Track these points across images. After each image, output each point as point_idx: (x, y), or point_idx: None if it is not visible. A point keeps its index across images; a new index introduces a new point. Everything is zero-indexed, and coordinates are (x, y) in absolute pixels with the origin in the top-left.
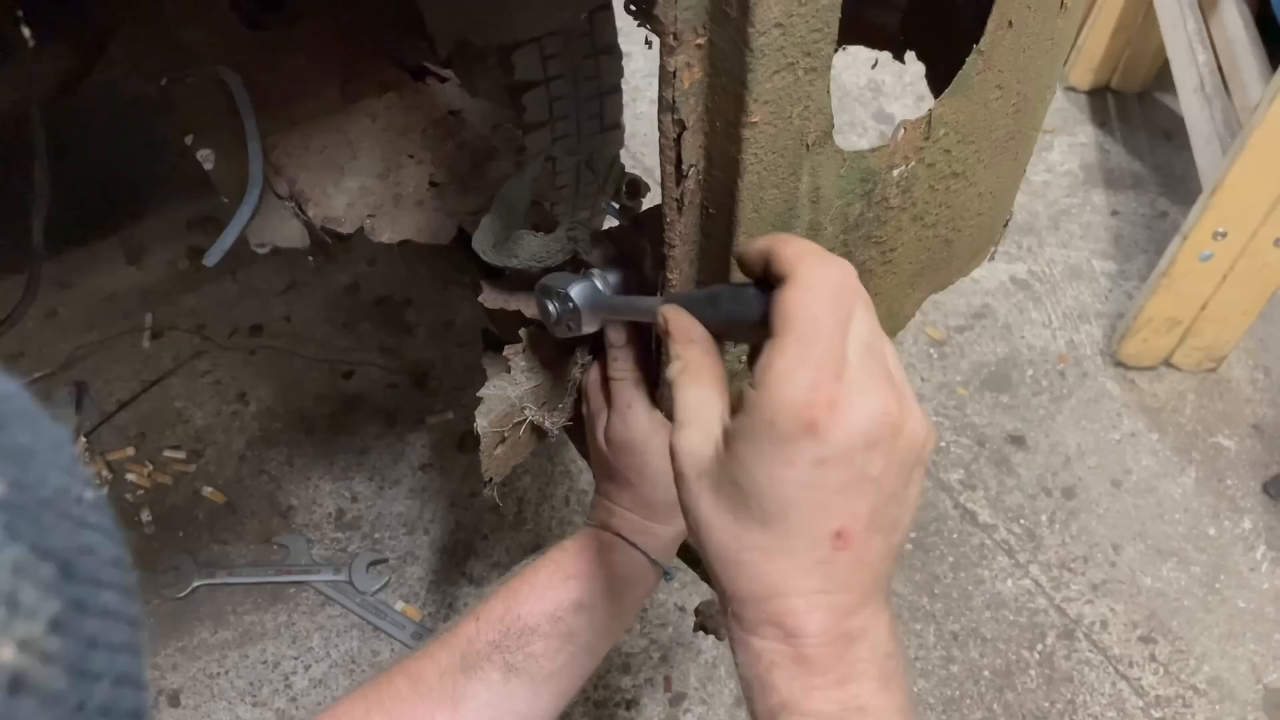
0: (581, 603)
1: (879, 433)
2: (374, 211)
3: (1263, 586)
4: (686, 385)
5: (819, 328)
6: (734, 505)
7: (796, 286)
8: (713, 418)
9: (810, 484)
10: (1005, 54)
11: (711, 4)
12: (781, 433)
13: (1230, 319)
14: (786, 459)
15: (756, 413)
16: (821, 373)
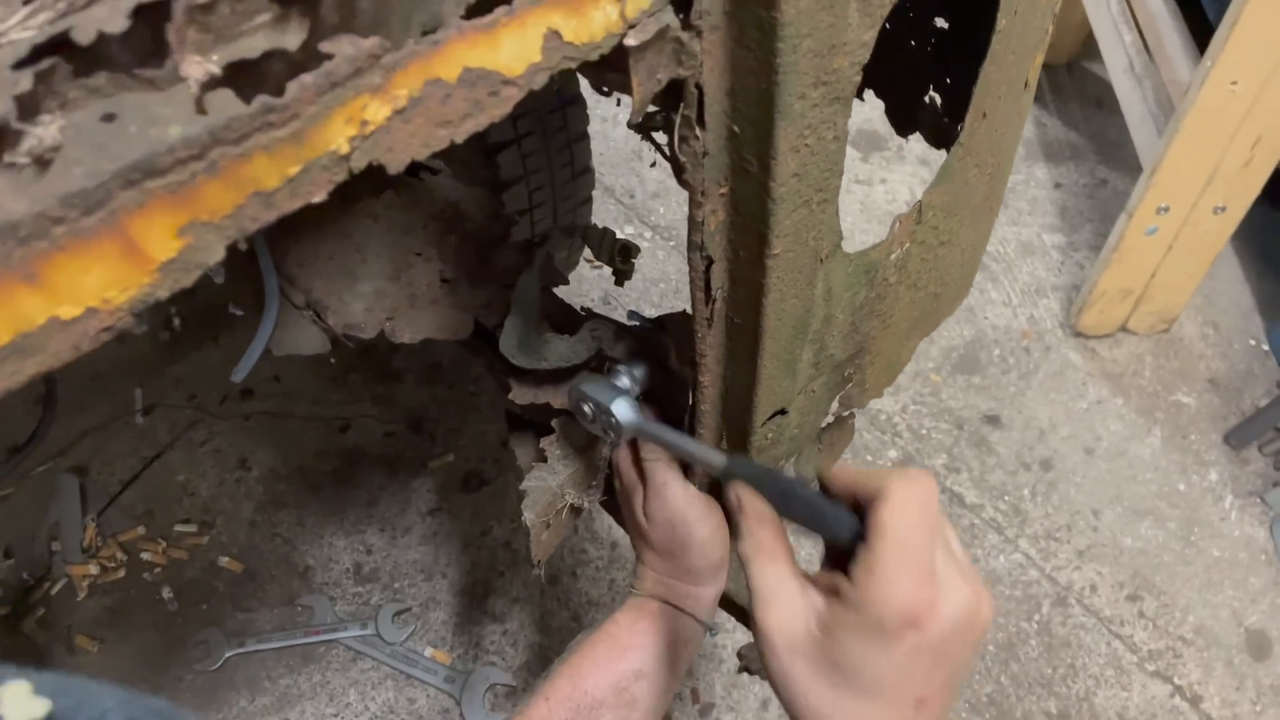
0: (641, 671)
1: (964, 623)
2: (392, 314)
3: (1234, 534)
4: (764, 564)
5: (915, 538)
6: (831, 679)
7: (891, 503)
8: (795, 596)
9: (905, 666)
10: (981, 140)
11: (732, 161)
12: (887, 629)
13: (1178, 284)
14: (888, 648)
15: (862, 609)
16: (920, 578)
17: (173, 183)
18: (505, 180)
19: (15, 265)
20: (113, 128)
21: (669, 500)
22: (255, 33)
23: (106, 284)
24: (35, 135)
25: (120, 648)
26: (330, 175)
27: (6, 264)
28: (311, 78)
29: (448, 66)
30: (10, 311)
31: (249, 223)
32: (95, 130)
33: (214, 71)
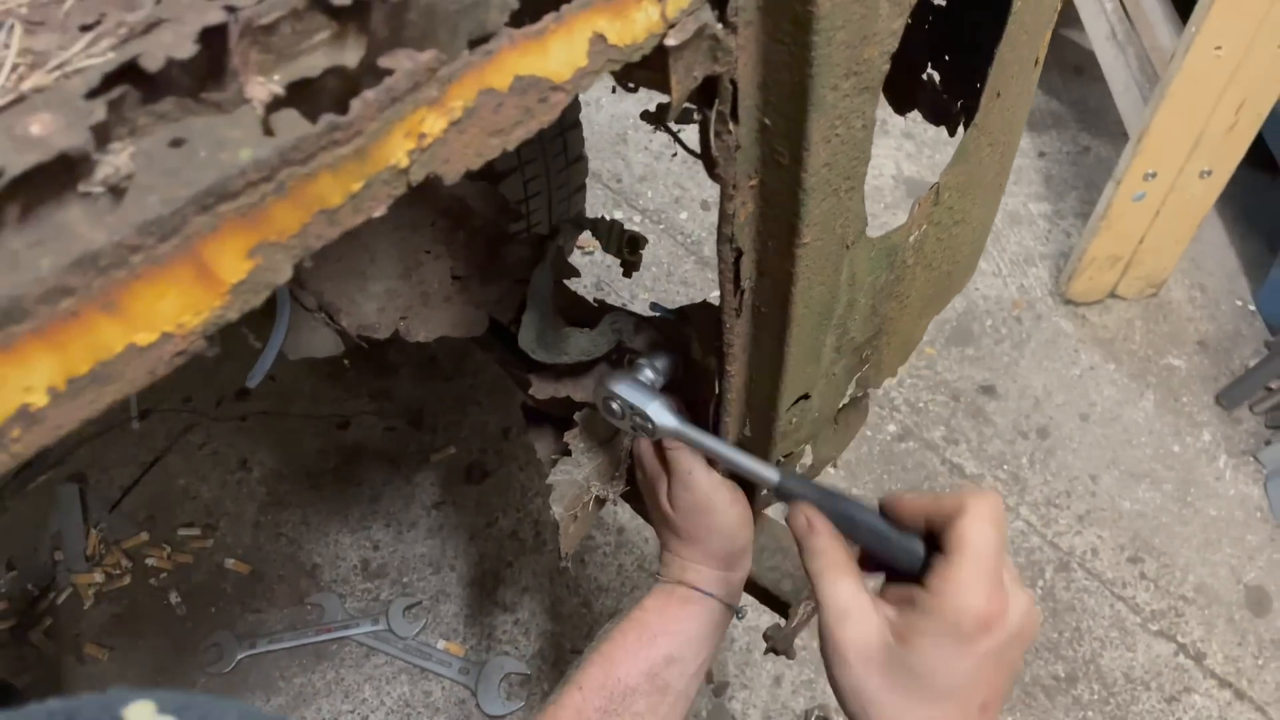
0: (672, 656)
1: (1025, 629)
2: (405, 313)
3: (1229, 493)
4: (836, 580)
5: (992, 550)
6: (906, 686)
7: (971, 516)
8: (868, 609)
9: (977, 670)
10: (995, 119)
11: (763, 154)
12: (965, 633)
13: (1166, 248)
14: (964, 652)
15: (941, 616)
16: (994, 585)
17: (244, 205)
18: (501, 171)
19: (96, 295)
20: (182, 153)
21: (694, 488)
22: (314, 51)
23: (181, 309)
24: (108, 164)
25: (131, 654)
26: (390, 189)
27: (87, 294)
28: (374, 94)
29: (500, 76)
30: (90, 341)
31: (314, 241)
32: (165, 156)
33: (277, 92)
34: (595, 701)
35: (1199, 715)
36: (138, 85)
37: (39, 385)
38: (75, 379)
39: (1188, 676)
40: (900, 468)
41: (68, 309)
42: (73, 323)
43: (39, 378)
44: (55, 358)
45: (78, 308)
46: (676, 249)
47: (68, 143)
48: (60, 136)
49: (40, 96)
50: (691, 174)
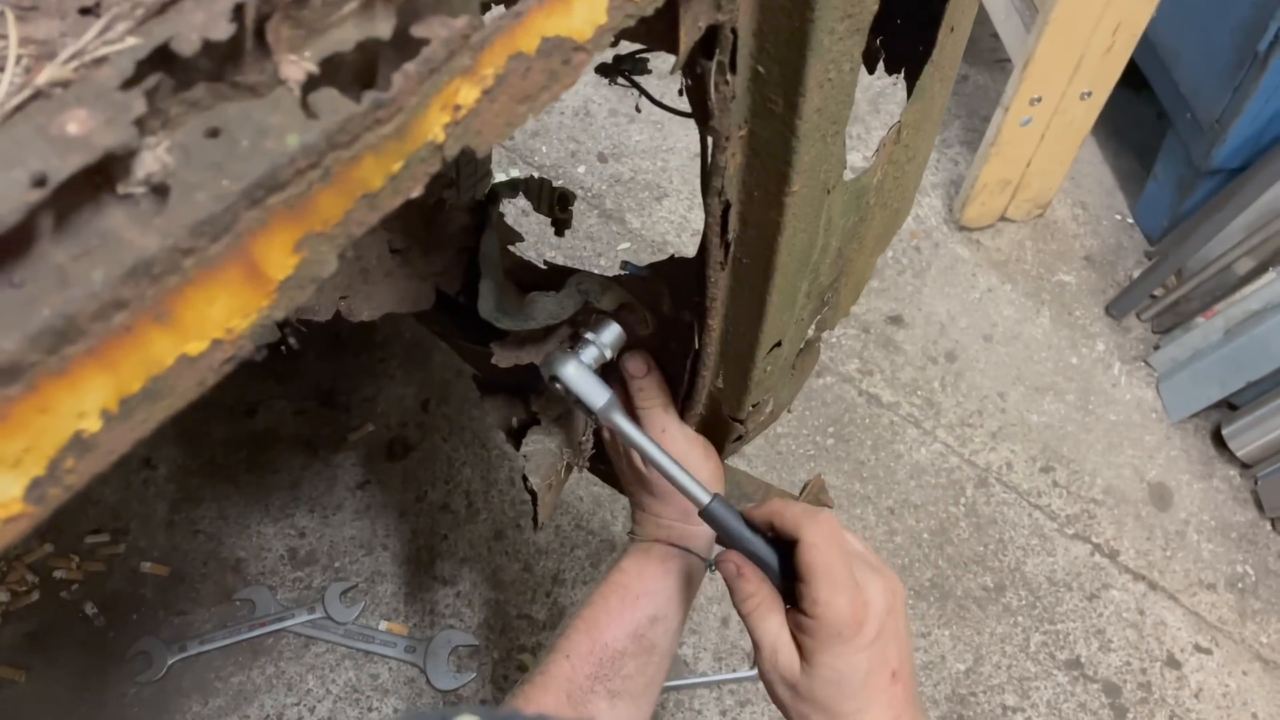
0: (656, 615)
1: (891, 601)
2: (345, 293)
3: (1125, 398)
4: (765, 617)
5: (835, 565)
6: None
7: (810, 546)
8: (789, 642)
9: (871, 657)
10: (947, 53)
11: (754, 103)
12: (847, 637)
13: (1051, 169)
14: (853, 650)
15: (824, 634)
16: (850, 592)
17: (291, 196)
18: None
19: (148, 306)
20: (222, 143)
21: (669, 445)
22: (344, 23)
23: (230, 313)
24: (148, 161)
25: (50, 672)
26: (427, 167)
27: (140, 306)
28: (414, 66)
29: (528, 39)
30: (142, 356)
31: (356, 228)
32: (204, 148)
33: (312, 70)
34: (585, 669)
35: (1119, 608)
36: (168, 72)
37: (92, 409)
38: (128, 399)
39: (1105, 574)
40: (820, 403)
41: (122, 324)
42: (126, 339)
43: (92, 401)
44: (108, 378)
45: (131, 322)
46: (578, 204)
47: (112, 141)
48: (102, 134)
49: (68, 91)
50: (584, 127)
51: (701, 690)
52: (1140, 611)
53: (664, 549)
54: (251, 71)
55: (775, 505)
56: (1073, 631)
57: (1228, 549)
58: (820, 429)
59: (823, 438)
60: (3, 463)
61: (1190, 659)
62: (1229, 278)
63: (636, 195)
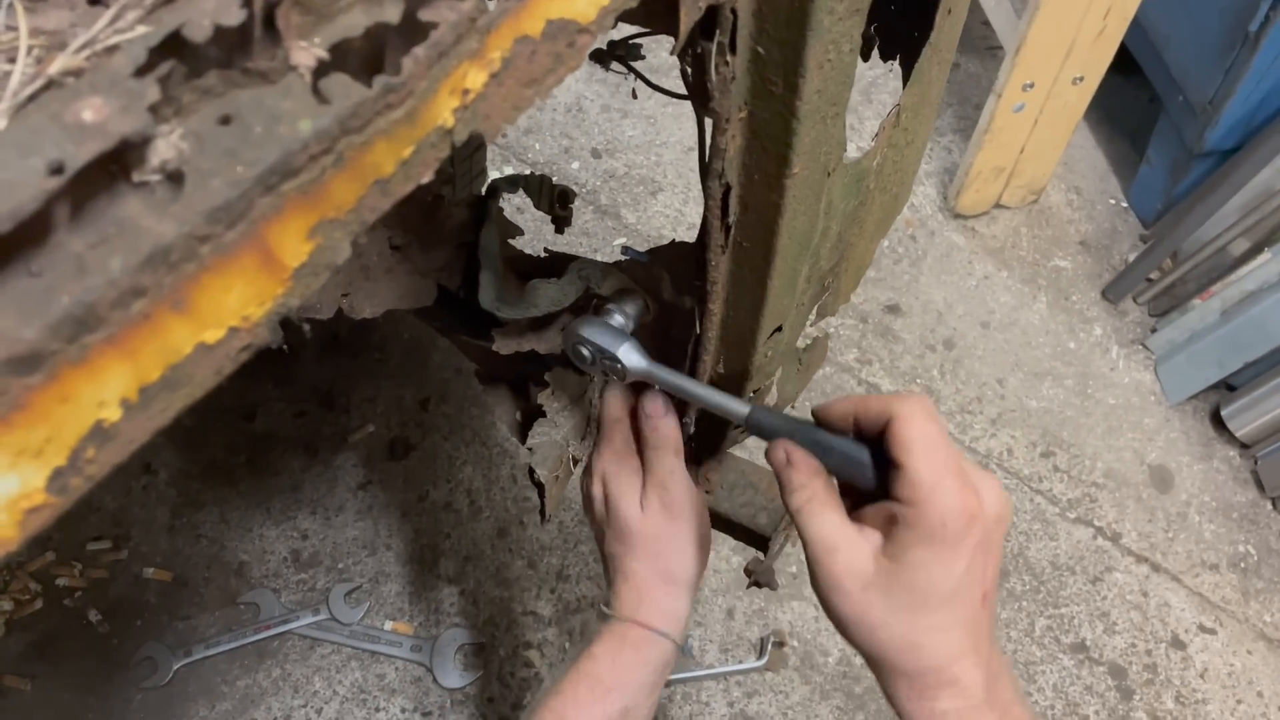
0: (626, 708)
1: (1004, 510)
2: (347, 290)
3: (1124, 381)
4: (821, 513)
5: (941, 444)
6: (909, 603)
7: (905, 420)
8: (856, 537)
9: (972, 565)
10: (945, 36)
11: (754, 84)
12: (953, 532)
13: (1044, 155)
14: (956, 553)
15: (924, 524)
16: (959, 476)
17: (305, 182)
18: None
19: (166, 294)
20: (235, 130)
21: (674, 489)
22: (353, 8)
23: (246, 300)
24: (163, 149)
25: (55, 680)
26: (437, 153)
27: (158, 294)
28: (423, 50)
29: (533, 21)
30: (160, 344)
31: (369, 214)
32: (217, 135)
33: (322, 56)
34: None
35: (1122, 591)
36: (180, 59)
37: (112, 398)
38: (147, 387)
39: (1108, 557)
40: (819, 393)
41: (140, 312)
42: (145, 326)
43: (113, 390)
44: (127, 366)
45: (150, 309)
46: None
47: (128, 128)
48: (118, 121)
49: (81, 80)
50: (577, 123)
51: (708, 682)
52: (1144, 593)
53: (639, 633)
54: (262, 58)
55: (854, 397)
56: (1077, 615)
57: (1229, 529)
58: None
59: None
60: (25, 453)
61: (1195, 640)
62: (1224, 259)
63: (631, 190)
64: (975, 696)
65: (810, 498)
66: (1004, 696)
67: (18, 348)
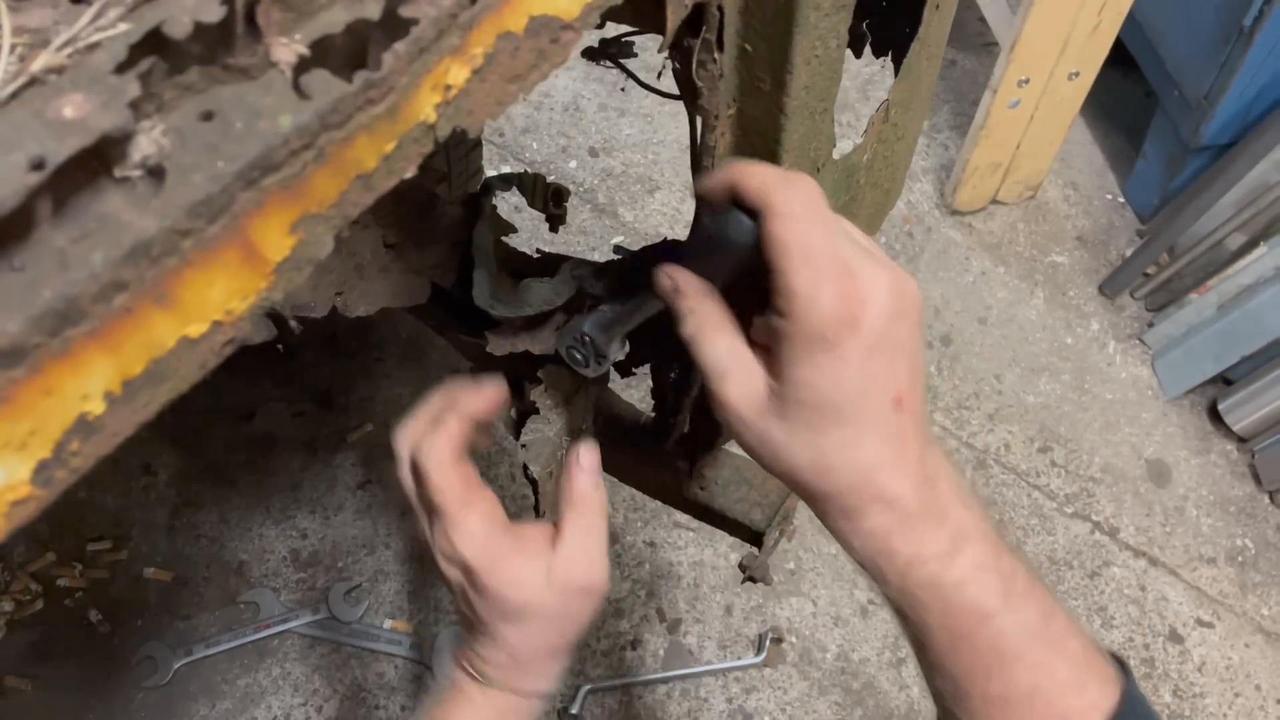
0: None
1: (899, 306)
2: (340, 288)
3: (1121, 376)
4: (714, 338)
5: (816, 242)
6: (808, 422)
7: (779, 216)
8: (749, 361)
9: (866, 371)
10: (934, 31)
11: (742, 81)
12: (831, 340)
13: (1041, 151)
14: (842, 359)
15: (801, 337)
16: (840, 278)
17: (286, 177)
18: None
19: (148, 287)
20: (216, 126)
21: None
22: (334, 5)
23: (229, 294)
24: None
25: (56, 680)
26: (420, 148)
27: (140, 287)
28: (404, 46)
29: (516, 17)
30: (143, 338)
31: (351, 209)
32: (199, 131)
33: (303, 52)
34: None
35: (1120, 586)
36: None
37: (96, 392)
38: (130, 380)
39: (1105, 551)
40: None
41: (122, 305)
42: (127, 320)
43: (96, 383)
44: (111, 360)
45: (132, 303)
46: (571, 200)
47: (108, 124)
48: (98, 117)
49: (63, 77)
50: (574, 122)
51: (707, 679)
52: (1141, 588)
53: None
54: (243, 55)
55: (736, 168)
56: (1075, 609)
57: (1227, 523)
58: None
59: None
60: (9, 445)
61: (1192, 633)
62: (1221, 253)
63: (629, 189)
64: (905, 507)
65: (701, 324)
66: (942, 500)
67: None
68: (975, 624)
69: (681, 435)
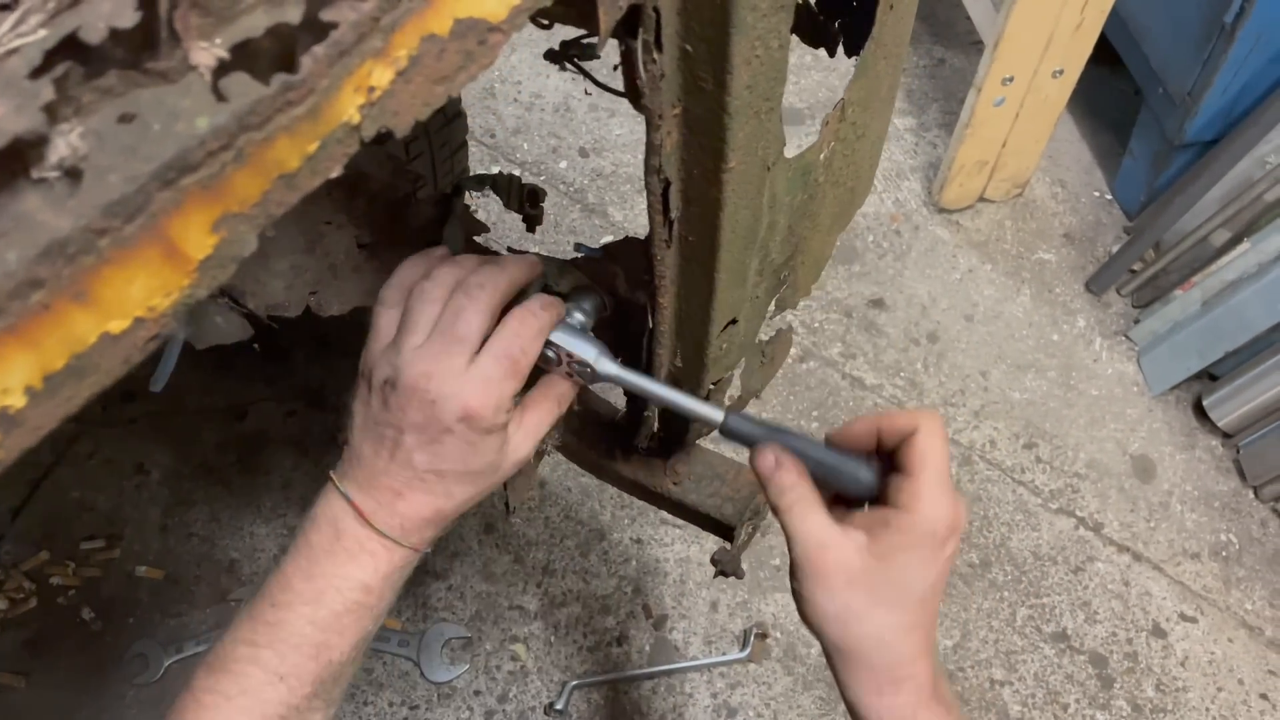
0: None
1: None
2: (315, 288)
3: (1106, 372)
4: (809, 512)
5: (946, 463)
6: (888, 599)
7: (928, 436)
8: (843, 537)
9: (944, 573)
10: (889, 31)
11: (685, 81)
12: (938, 541)
13: (1027, 148)
14: (936, 558)
15: (915, 530)
16: (953, 495)
17: (205, 177)
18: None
19: (65, 285)
20: (134, 128)
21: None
22: (254, 10)
23: (150, 291)
24: (61, 146)
25: (49, 677)
26: (344, 149)
27: (57, 284)
28: (323, 49)
29: (439, 20)
30: (63, 334)
31: (275, 208)
32: (117, 133)
33: (222, 56)
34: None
35: (1104, 580)
36: (79, 60)
37: (16, 386)
38: (51, 375)
39: (1089, 547)
40: (804, 387)
41: (39, 302)
42: (45, 316)
43: (16, 378)
44: (30, 355)
45: (49, 300)
46: (560, 198)
47: (21, 127)
48: (11, 120)
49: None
50: (565, 122)
51: (692, 674)
52: (1125, 583)
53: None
54: (164, 59)
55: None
56: (1059, 605)
57: (1211, 518)
58: (804, 413)
59: (807, 421)
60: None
61: (1176, 628)
62: (1205, 250)
63: (618, 188)
64: (926, 692)
65: (800, 498)
66: (944, 693)
67: None
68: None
69: (653, 433)
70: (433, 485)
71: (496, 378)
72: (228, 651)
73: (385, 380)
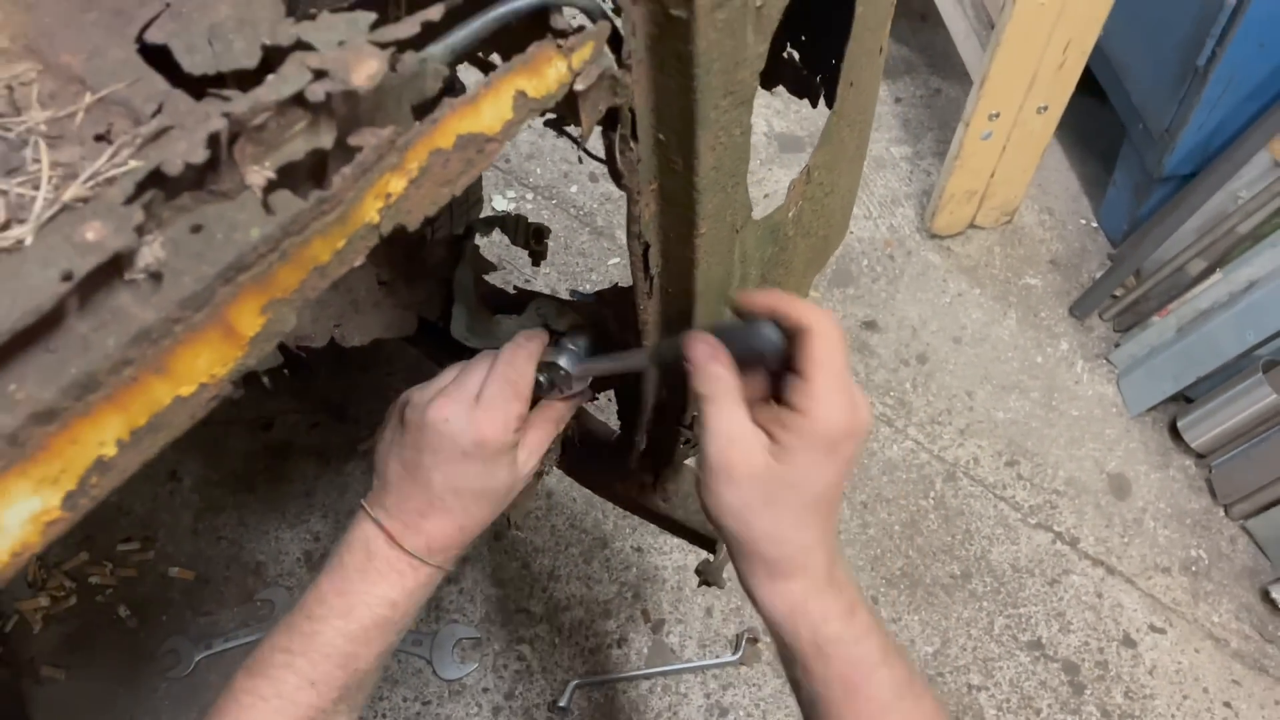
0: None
1: (869, 426)
2: (338, 321)
3: (1087, 394)
4: (730, 405)
5: (842, 365)
6: (785, 499)
7: (820, 336)
8: (752, 433)
9: (840, 473)
10: (850, 104)
11: (660, 163)
12: (835, 444)
13: (1015, 179)
14: (831, 461)
15: (810, 433)
16: (851, 398)
17: (256, 273)
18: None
19: (149, 362)
20: (202, 237)
21: None
22: (296, 139)
23: (212, 363)
24: (146, 254)
25: (88, 670)
26: (366, 242)
27: (143, 362)
28: (350, 169)
29: (445, 137)
30: (146, 399)
31: (310, 292)
32: (189, 242)
33: (271, 176)
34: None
35: (1078, 593)
36: (161, 187)
37: (110, 440)
38: (136, 430)
39: (1065, 560)
40: None
41: (129, 376)
42: (133, 387)
43: (110, 434)
44: (121, 416)
45: (137, 374)
46: (571, 222)
47: (119, 244)
48: (111, 240)
49: (86, 207)
50: (576, 148)
51: (687, 675)
52: (1098, 595)
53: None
54: (225, 180)
55: (777, 294)
56: (1034, 615)
57: (1182, 534)
58: None
59: None
60: (45, 481)
61: (1145, 638)
62: (1182, 278)
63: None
64: (821, 576)
65: (725, 390)
66: (839, 577)
67: (39, 406)
68: (866, 674)
69: (643, 453)
70: (452, 505)
71: (500, 401)
72: (266, 657)
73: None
